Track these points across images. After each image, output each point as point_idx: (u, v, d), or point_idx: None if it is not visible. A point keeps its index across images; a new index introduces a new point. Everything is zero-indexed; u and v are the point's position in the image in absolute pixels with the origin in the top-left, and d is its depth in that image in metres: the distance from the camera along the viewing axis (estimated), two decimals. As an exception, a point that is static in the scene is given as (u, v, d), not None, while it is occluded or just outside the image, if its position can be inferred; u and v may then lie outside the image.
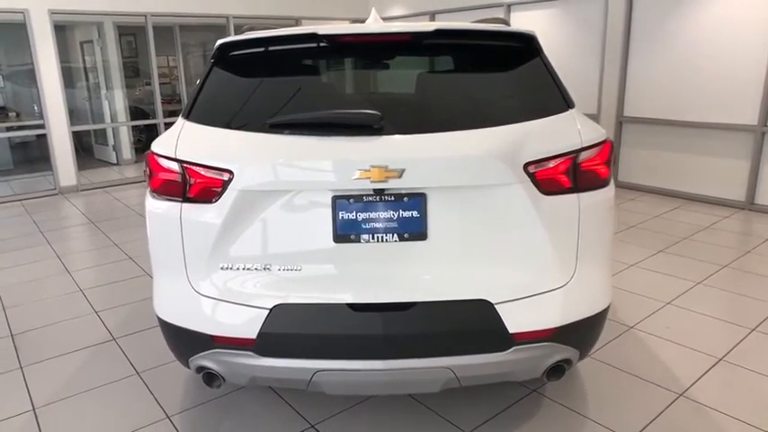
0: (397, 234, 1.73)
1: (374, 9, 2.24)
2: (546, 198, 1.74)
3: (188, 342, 1.85)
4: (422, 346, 1.72)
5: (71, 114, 6.57)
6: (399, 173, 1.65)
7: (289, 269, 1.76)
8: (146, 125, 8.66)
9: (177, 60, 9.10)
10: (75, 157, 6.62)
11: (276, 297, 1.73)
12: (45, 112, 6.30)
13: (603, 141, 1.86)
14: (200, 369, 1.89)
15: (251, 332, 1.72)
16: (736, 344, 2.73)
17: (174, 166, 1.80)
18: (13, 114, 8.15)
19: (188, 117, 1.92)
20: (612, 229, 1.93)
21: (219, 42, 1.99)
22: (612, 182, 1.91)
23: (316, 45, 1.91)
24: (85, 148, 8.74)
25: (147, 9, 6.82)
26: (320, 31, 1.82)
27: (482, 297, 1.71)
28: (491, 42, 1.97)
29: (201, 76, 2.00)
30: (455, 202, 1.73)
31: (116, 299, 3.47)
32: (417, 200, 1.71)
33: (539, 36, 2.01)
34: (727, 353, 2.65)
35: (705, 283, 3.47)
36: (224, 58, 1.99)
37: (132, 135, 8.64)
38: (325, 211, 1.73)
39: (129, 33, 9.06)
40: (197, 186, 1.76)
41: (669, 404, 2.26)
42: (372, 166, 1.65)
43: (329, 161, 1.70)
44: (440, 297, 1.72)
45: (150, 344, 2.86)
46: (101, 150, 8.69)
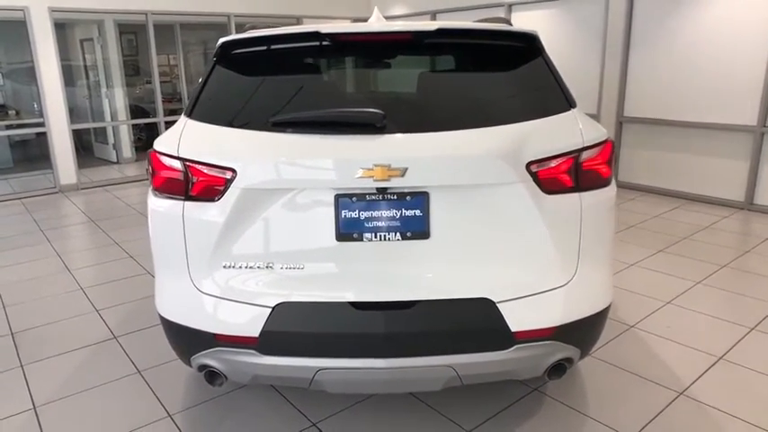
0: (399, 233, 1.73)
1: (377, 8, 2.25)
2: (548, 197, 1.75)
3: (190, 340, 1.86)
4: (424, 345, 1.72)
5: (71, 113, 6.56)
6: (402, 172, 1.66)
7: (291, 267, 1.76)
8: (146, 124, 8.65)
9: (178, 59, 9.10)
10: (76, 155, 6.62)
11: (279, 295, 1.74)
12: (45, 110, 6.29)
13: (605, 141, 1.86)
14: (202, 367, 1.89)
15: (253, 330, 1.72)
16: (736, 343, 2.74)
17: (177, 164, 1.80)
18: (12, 112, 8.13)
19: (190, 115, 1.92)
20: (614, 228, 1.94)
21: (222, 41, 1.99)
22: (614, 181, 1.92)
23: (318, 44, 1.91)
24: (85, 147, 8.73)
25: (148, 7, 6.81)
26: (323, 29, 1.82)
27: (484, 296, 1.71)
28: (493, 42, 1.98)
29: (204, 75, 2.00)
30: (457, 201, 1.74)
31: (117, 297, 3.47)
32: (420, 199, 1.72)
33: (540, 36, 2.01)
34: (727, 352, 2.66)
35: (705, 283, 3.48)
36: (226, 56, 1.99)
37: (132, 133, 8.63)
38: (328, 210, 1.73)
39: (130, 31, 9.05)
40: (200, 184, 1.77)
41: (669, 403, 2.27)
42: (375, 165, 1.65)
43: (332, 160, 1.70)
44: (442, 296, 1.72)
45: (151, 342, 2.86)
46: (101, 149, 8.68)
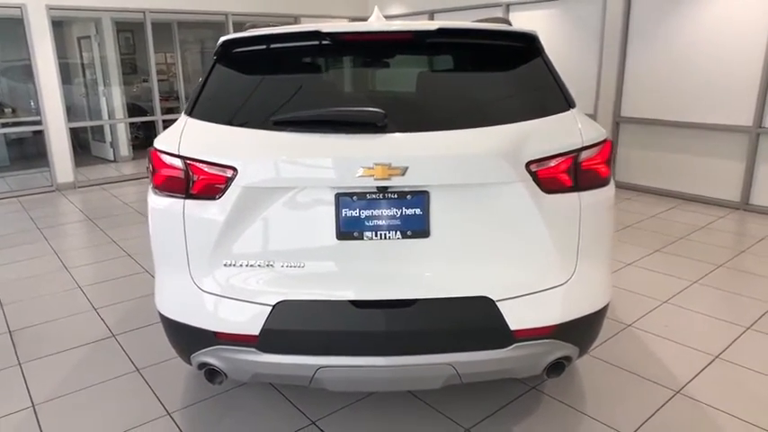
0: (399, 231, 1.74)
1: (377, 7, 2.25)
2: (547, 196, 1.76)
3: (190, 338, 1.86)
4: (424, 343, 1.73)
5: (68, 111, 6.54)
6: (403, 170, 1.66)
7: (292, 266, 1.77)
8: (143, 122, 8.63)
9: (175, 57, 9.08)
10: (73, 153, 6.59)
11: (279, 294, 1.74)
12: (42, 108, 6.26)
13: (604, 141, 1.87)
14: (202, 365, 1.90)
15: (254, 329, 1.73)
16: (732, 342, 2.76)
17: (178, 162, 1.80)
18: (9, 110, 8.10)
19: (191, 114, 1.92)
20: (612, 227, 1.95)
21: (223, 39, 1.99)
22: (612, 181, 1.93)
23: (319, 43, 1.91)
24: (82, 145, 8.70)
25: (146, 5, 6.79)
26: (324, 28, 1.82)
27: (484, 294, 1.72)
28: (493, 42, 1.98)
29: (204, 73, 2.00)
30: (458, 200, 1.75)
31: (115, 296, 3.46)
32: (420, 197, 1.73)
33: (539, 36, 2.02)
34: (723, 350, 2.68)
35: (701, 282, 3.50)
36: (227, 54, 2.00)
37: (130, 132, 8.61)
38: (329, 209, 1.74)
39: (127, 30, 9.02)
40: (200, 183, 1.77)
41: (666, 401, 2.29)
42: (376, 164, 1.66)
43: (333, 158, 1.71)
44: (442, 294, 1.73)
45: (150, 341, 2.86)
46: (98, 147, 8.65)
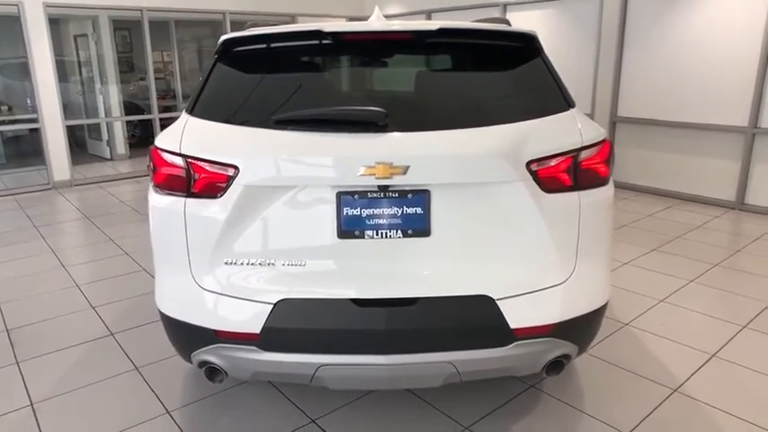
0: (400, 230, 1.75)
1: (377, 7, 2.26)
2: (547, 196, 1.77)
3: (191, 337, 1.86)
4: (425, 342, 1.74)
5: (64, 108, 6.51)
6: (404, 170, 1.67)
7: (293, 264, 1.77)
8: (140, 121, 8.61)
9: (172, 56, 9.06)
10: (69, 151, 6.57)
11: (280, 292, 1.74)
12: (39, 106, 6.23)
13: (603, 140, 1.89)
14: (202, 364, 1.90)
15: (255, 327, 1.73)
16: (728, 340, 2.78)
17: (179, 160, 1.80)
18: (5, 108, 8.06)
19: (192, 112, 1.92)
20: (611, 226, 1.97)
21: (224, 38, 2.00)
22: (612, 181, 1.94)
23: (321, 42, 1.92)
24: (78, 143, 8.66)
25: (144, 3, 6.77)
26: (325, 28, 1.83)
27: (484, 293, 1.73)
28: (493, 42, 1.99)
29: (205, 72, 2.00)
30: (458, 199, 1.75)
31: (113, 294, 3.46)
32: (421, 196, 1.73)
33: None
34: (720, 349, 2.70)
35: (697, 281, 3.52)
36: (228, 53, 2.00)
37: (126, 130, 8.59)
38: (330, 207, 1.74)
39: (124, 28, 9.00)
40: (202, 181, 1.77)
41: (664, 399, 2.30)
42: (377, 163, 1.66)
43: (334, 157, 1.71)
44: (442, 293, 1.74)
45: (149, 339, 2.86)
46: (94, 145, 8.62)
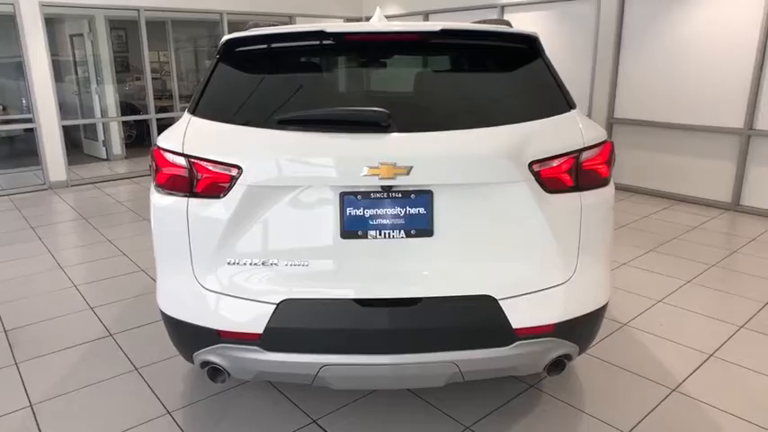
0: (403, 230, 1.75)
1: (379, 8, 2.27)
2: (549, 196, 1.78)
3: (193, 337, 1.86)
4: (427, 341, 1.74)
5: (60, 108, 6.48)
6: (407, 170, 1.68)
7: (296, 264, 1.77)
8: (136, 121, 8.57)
9: (169, 56, 9.03)
10: (65, 151, 6.53)
11: (283, 292, 1.75)
12: (34, 105, 6.20)
13: (604, 141, 1.90)
14: (204, 364, 1.89)
15: (257, 327, 1.73)
16: (726, 340, 2.81)
17: (182, 161, 1.80)
18: (0, 108, 8.01)
19: (194, 112, 1.92)
20: (612, 227, 1.98)
21: (226, 38, 2.00)
22: (612, 181, 1.95)
23: (323, 43, 1.92)
24: (74, 144, 8.61)
25: (140, 3, 6.75)
26: (328, 28, 1.83)
27: (486, 293, 1.74)
28: (495, 43, 2.00)
29: (207, 72, 2.00)
30: (461, 200, 1.76)
31: (111, 295, 3.44)
32: (424, 197, 1.74)
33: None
34: (717, 349, 2.72)
35: (694, 282, 3.55)
36: (230, 53, 1.99)
37: (122, 130, 8.55)
38: (333, 208, 1.75)
39: (121, 27, 8.96)
40: (205, 181, 1.77)
41: (663, 399, 2.32)
42: (381, 163, 1.67)
43: (337, 158, 1.72)
44: (445, 293, 1.75)
45: (148, 340, 2.85)
46: (90, 145, 8.57)
